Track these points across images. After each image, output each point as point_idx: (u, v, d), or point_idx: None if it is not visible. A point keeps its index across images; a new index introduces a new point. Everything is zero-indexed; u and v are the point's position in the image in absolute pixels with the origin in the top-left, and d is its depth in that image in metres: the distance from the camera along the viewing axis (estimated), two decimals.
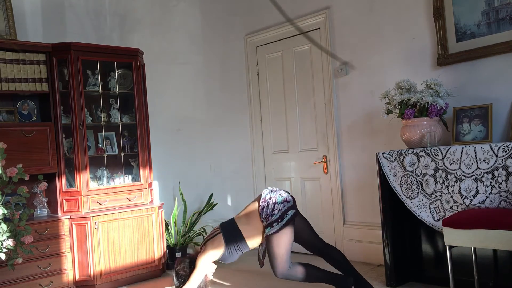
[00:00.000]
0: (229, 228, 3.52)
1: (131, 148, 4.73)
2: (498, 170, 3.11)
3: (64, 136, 4.29)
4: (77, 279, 4.13)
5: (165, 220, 4.79)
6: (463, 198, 3.26)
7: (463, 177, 3.27)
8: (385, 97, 3.84)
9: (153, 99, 5.04)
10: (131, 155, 4.72)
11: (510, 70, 3.54)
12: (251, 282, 4.18)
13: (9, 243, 3.06)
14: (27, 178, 3.27)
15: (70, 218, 4.15)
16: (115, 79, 4.60)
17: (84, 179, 4.25)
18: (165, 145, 5.24)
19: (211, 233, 3.59)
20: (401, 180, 3.62)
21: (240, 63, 5.63)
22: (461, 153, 3.28)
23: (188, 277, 3.47)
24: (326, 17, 4.72)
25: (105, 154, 4.53)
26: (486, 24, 3.63)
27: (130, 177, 4.64)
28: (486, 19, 3.63)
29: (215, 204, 5.28)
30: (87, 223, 4.14)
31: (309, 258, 3.80)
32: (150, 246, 4.47)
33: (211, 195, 5.33)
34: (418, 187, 3.52)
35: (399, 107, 3.70)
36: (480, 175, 3.19)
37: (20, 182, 3.31)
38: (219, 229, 3.55)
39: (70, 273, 4.10)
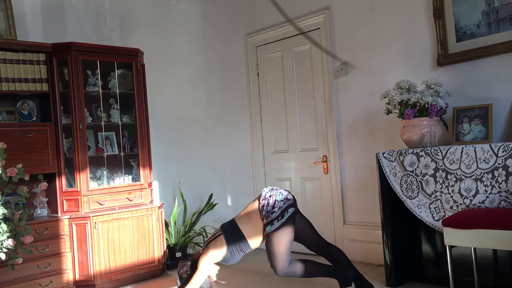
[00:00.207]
0: (230, 229, 3.52)
1: (131, 148, 4.73)
2: (498, 170, 3.11)
3: (64, 136, 4.29)
4: (77, 279, 4.13)
5: (165, 220, 4.80)
6: (463, 198, 3.26)
7: (463, 177, 3.27)
8: (385, 97, 3.84)
9: (153, 99, 5.04)
10: (131, 155, 4.72)
11: (510, 70, 3.54)
12: (251, 282, 4.18)
13: (9, 243, 3.06)
14: (27, 178, 3.27)
15: (70, 218, 4.15)
16: (115, 79, 4.60)
17: (84, 179, 4.25)
18: (165, 145, 5.25)
19: (213, 234, 3.58)
20: (401, 180, 3.62)
21: (240, 63, 5.63)
22: (461, 153, 3.28)
23: (190, 279, 3.46)
24: (326, 17, 4.72)
25: (105, 154, 4.53)
26: (486, 24, 3.63)
27: (130, 177, 4.64)
28: (486, 19, 3.63)
29: (215, 204, 5.28)
30: (87, 223, 4.14)
31: (310, 258, 3.79)
32: (150, 246, 4.47)
33: (211, 195, 5.34)
34: (418, 187, 3.52)
35: (399, 107, 3.70)
36: (480, 175, 3.19)
37: (20, 182, 3.31)
38: (220, 231, 3.54)
39: (70, 273, 4.10)
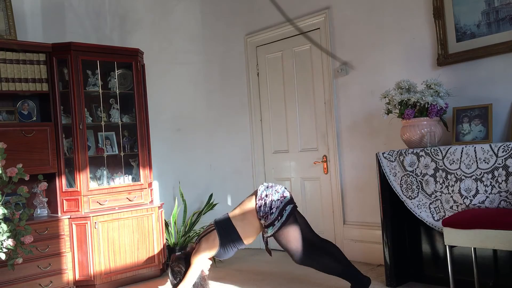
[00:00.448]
0: (223, 225, 3.53)
1: (131, 148, 4.73)
2: (498, 170, 3.11)
3: (64, 136, 4.29)
4: (77, 279, 4.13)
5: (165, 220, 4.79)
6: (463, 198, 3.26)
7: (463, 177, 3.27)
8: (385, 97, 3.84)
9: (153, 99, 5.03)
10: (131, 155, 4.72)
11: (510, 70, 3.54)
12: (251, 282, 4.18)
13: (9, 243, 3.06)
14: (27, 178, 3.27)
15: (70, 218, 4.15)
16: (115, 79, 4.60)
17: (84, 179, 4.25)
18: (165, 145, 5.24)
19: (206, 230, 3.59)
20: (401, 180, 3.62)
21: (240, 63, 5.63)
22: (461, 153, 3.28)
23: (184, 275, 3.48)
24: (326, 17, 4.72)
25: (105, 154, 4.53)
26: (486, 24, 3.63)
27: (130, 177, 4.64)
28: (486, 19, 3.63)
29: (215, 204, 5.28)
30: (87, 223, 4.14)
31: None
32: (150, 246, 4.47)
33: (211, 195, 5.33)
34: (418, 187, 3.52)
35: (399, 107, 3.70)
36: (480, 175, 3.19)
37: (20, 182, 3.31)
38: (213, 226, 3.55)
39: (70, 273, 4.10)
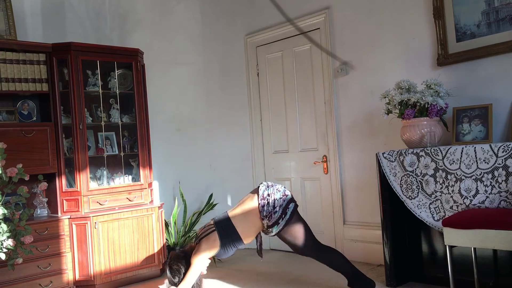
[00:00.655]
0: (223, 225, 3.53)
1: (131, 148, 4.73)
2: (498, 170, 3.11)
3: (64, 136, 4.29)
4: (77, 279, 4.13)
5: (165, 220, 4.79)
6: (463, 198, 3.26)
7: (463, 177, 3.27)
8: (385, 97, 3.84)
9: (153, 99, 5.03)
10: (131, 155, 4.72)
11: (510, 70, 3.54)
12: (251, 282, 4.18)
13: (9, 243, 3.06)
14: (27, 178, 3.27)
15: (70, 218, 4.15)
16: (115, 79, 4.60)
17: (84, 179, 4.25)
18: (165, 145, 5.25)
19: (205, 230, 3.59)
20: (401, 180, 3.62)
21: (240, 63, 5.63)
22: (461, 153, 3.28)
23: (183, 275, 3.48)
24: (326, 17, 4.72)
25: (105, 154, 4.53)
26: (486, 24, 3.63)
27: (130, 177, 4.64)
28: (486, 19, 3.63)
29: (215, 204, 5.28)
30: (87, 223, 4.14)
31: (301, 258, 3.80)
32: (150, 246, 4.47)
33: (211, 195, 5.33)
34: (418, 187, 3.52)
35: (399, 107, 3.70)
36: (480, 175, 3.19)
37: (20, 182, 3.31)
38: (213, 226, 3.55)
39: (70, 273, 4.10)
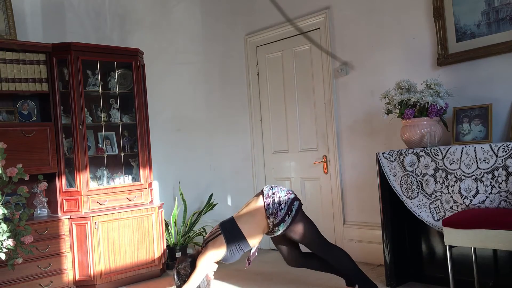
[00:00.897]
0: (229, 228, 3.52)
1: (131, 148, 4.73)
2: (498, 170, 3.11)
3: (64, 136, 4.29)
4: (77, 279, 4.13)
5: (165, 220, 4.79)
6: (463, 198, 3.26)
7: (463, 177, 3.27)
8: (385, 97, 3.84)
9: (153, 99, 5.03)
10: (131, 155, 4.72)
11: (510, 70, 3.54)
12: (251, 282, 4.18)
13: (9, 243, 3.06)
14: (27, 178, 3.27)
15: (70, 218, 4.15)
16: (115, 79, 4.60)
17: (84, 179, 4.25)
18: (165, 145, 5.24)
19: (212, 233, 3.58)
20: (401, 180, 3.62)
21: (240, 63, 5.63)
22: (461, 153, 3.28)
23: (188, 277, 3.47)
24: (326, 17, 4.72)
25: (105, 154, 4.53)
26: (486, 24, 3.63)
27: (130, 177, 4.64)
28: (486, 19, 3.63)
29: (215, 204, 5.28)
30: (87, 223, 4.14)
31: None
32: (150, 246, 4.47)
33: (211, 195, 5.33)
34: (418, 187, 3.52)
35: (399, 107, 3.70)
36: (480, 175, 3.19)
37: (20, 182, 3.31)
38: (219, 229, 3.54)
39: (70, 273, 4.10)
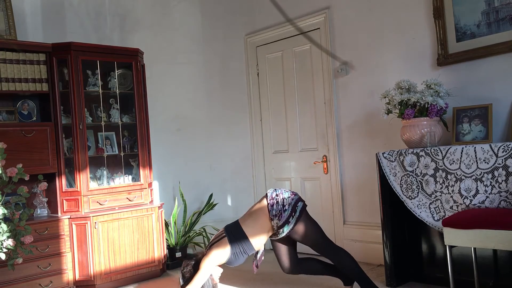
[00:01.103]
0: (233, 231, 3.51)
1: (131, 148, 4.73)
2: (498, 170, 3.11)
3: (64, 136, 4.29)
4: (77, 279, 4.13)
5: (165, 220, 4.79)
6: (463, 198, 3.26)
7: (463, 177, 3.27)
8: (385, 97, 3.84)
9: (153, 99, 5.03)
10: (131, 155, 4.72)
11: (510, 70, 3.54)
12: (251, 282, 4.18)
13: (9, 243, 3.06)
14: (27, 178, 3.26)
15: (70, 218, 4.15)
16: (115, 79, 4.60)
17: (84, 179, 4.25)
18: (165, 145, 5.24)
19: (216, 236, 3.57)
20: (401, 180, 3.62)
21: (240, 63, 5.63)
22: (461, 153, 3.28)
23: (191, 279, 3.47)
24: (326, 17, 4.72)
25: (105, 154, 4.53)
26: (486, 24, 3.63)
27: (130, 177, 4.64)
28: (486, 19, 3.63)
29: (215, 204, 5.28)
30: (87, 223, 4.14)
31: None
32: (150, 246, 4.47)
33: (211, 195, 5.33)
34: (418, 187, 3.52)
35: (399, 107, 3.70)
36: (480, 175, 3.19)
37: (20, 182, 3.31)
38: (223, 233, 3.53)
39: (70, 273, 4.10)
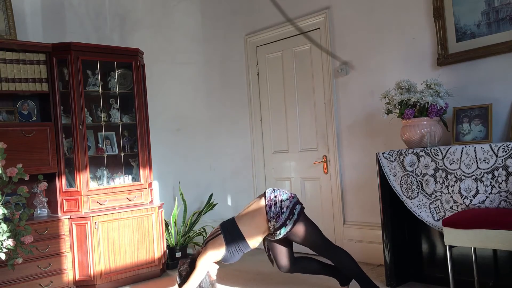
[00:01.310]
0: (229, 228, 3.52)
1: (131, 148, 4.73)
2: (498, 170, 3.11)
3: (64, 136, 4.29)
4: (77, 279, 4.13)
5: (165, 220, 4.79)
6: (463, 198, 3.26)
7: (463, 177, 3.27)
8: (385, 97, 3.84)
9: (153, 99, 5.03)
10: (131, 155, 4.72)
11: (510, 70, 3.54)
12: (251, 282, 4.18)
13: (9, 243, 3.06)
14: (27, 178, 3.27)
15: (70, 218, 4.15)
16: (115, 79, 4.60)
17: (84, 179, 4.25)
18: (165, 145, 5.24)
19: (212, 233, 3.59)
20: (401, 180, 3.62)
21: (240, 63, 5.63)
22: (461, 153, 3.28)
23: (188, 277, 3.47)
24: (326, 17, 4.72)
25: (105, 154, 4.53)
26: (486, 24, 3.63)
27: (130, 177, 4.64)
28: (486, 19, 3.63)
29: (215, 204, 5.28)
30: (87, 223, 4.14)
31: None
32: (150, 246, 4.47)
33: (211, 195, 5.34)
34: (418, 187, 3.52)
35: (399, 107, 3.70)
36: (480, 175, 3.19)
37: (20, 182, 3.31)
38: (219, 230, 3.55)
39: (70, 273, 4.10)
